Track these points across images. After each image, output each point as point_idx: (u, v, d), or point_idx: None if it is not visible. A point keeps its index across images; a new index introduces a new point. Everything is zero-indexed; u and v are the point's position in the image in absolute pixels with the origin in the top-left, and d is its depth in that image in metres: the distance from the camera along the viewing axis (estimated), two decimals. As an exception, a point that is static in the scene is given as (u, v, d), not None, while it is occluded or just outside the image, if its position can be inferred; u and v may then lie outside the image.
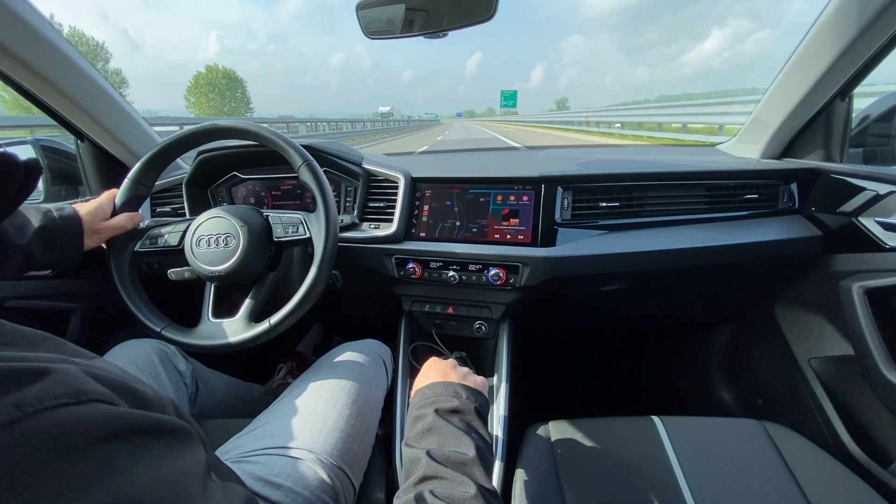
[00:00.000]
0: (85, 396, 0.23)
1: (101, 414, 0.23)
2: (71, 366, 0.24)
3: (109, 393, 0.25)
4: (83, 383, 0.23)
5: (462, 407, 0.51)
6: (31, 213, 0.67)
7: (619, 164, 0.99)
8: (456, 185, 0.95)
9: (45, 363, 0.23)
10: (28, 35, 0.75)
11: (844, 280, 0.80)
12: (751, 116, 1.07)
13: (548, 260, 0.85)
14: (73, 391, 0.22)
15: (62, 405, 0.21)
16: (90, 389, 0.23)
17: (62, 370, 0.23)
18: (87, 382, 0.24)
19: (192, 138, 0.78)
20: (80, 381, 0.23)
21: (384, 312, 1.10)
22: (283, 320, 0.71)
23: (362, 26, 0.83)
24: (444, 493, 0.39)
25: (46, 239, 0.67)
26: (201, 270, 0.74)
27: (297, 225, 0.77)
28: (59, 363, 0.24)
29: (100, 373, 0.25)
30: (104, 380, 0.25)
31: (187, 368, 0.84)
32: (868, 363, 0.73)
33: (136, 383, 0.28)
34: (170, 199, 1.05)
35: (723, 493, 0.66)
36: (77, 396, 0.22)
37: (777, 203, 0.96)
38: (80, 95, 0.88)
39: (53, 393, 0.21)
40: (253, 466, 0.59)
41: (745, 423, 0.78)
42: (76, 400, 0.22)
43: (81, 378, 0.24)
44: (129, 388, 0.27)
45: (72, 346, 0.32)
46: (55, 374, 0.22)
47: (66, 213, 0.70)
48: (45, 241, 0.67)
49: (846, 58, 0.80)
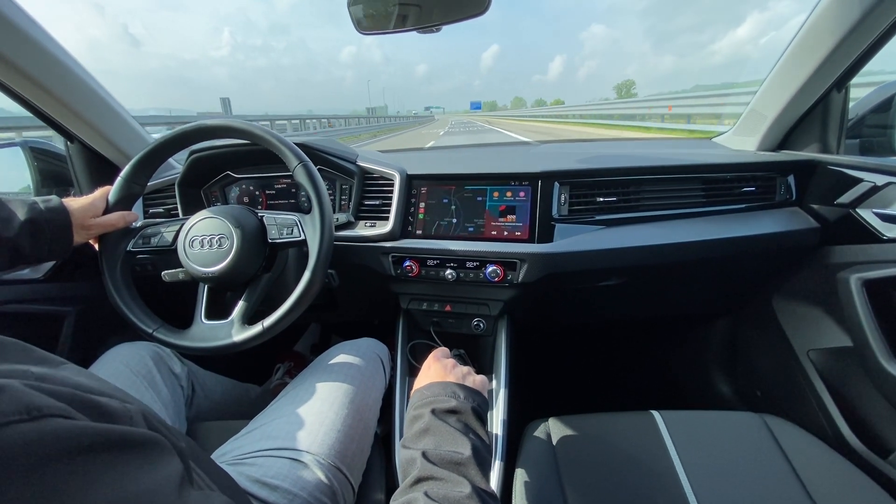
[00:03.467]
0: (38, 412, 0.21)
1: (55, 430, 0.21)
2: (15, 381, 0.22)
3: (65, 407, 0.23)
4: (32, 399, 0.22)
5: (459, 407, 0.50)
6: (16, 206, 0.66)
7: (616, 159, 0.98)
8: (452, 181, 0.94)
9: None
10: (14, 35, 0.74)
11: (842, 272, 0.80)
12: (747, 108, 1.07)
13: (545, 256, 0.85)
14: (24, 407, 0.21)
15: (10, 423, 0.20)
16: (42, 405, 0.22)
17: (7, 385, 0.21)
18: (38, 397, 0.22)
19: (183, 137, 0.77)
20: (28, 396, 0.22)
21: (381, 311, 1.09)
22: (277, 323, 0.70)
23: (354, 22, 0.82)
24: (439, 494, 0.39)
25: (34, 231, 0.66)
26: (194, 271, 0.74)
27: (292, 227, 0.76)
28: (4, 378, 0.22)
29: (54, 387, 0.24)
30: (59, 394, 0.24)
31: (183, 370, 0.83)
32: (866, 354, 0.73)
33: (99, 395, 0.27)
34: (163, 199, 1.04)
35: (723, 486, 0.66)
36: (28, 412, 0.21)
37: (774, 195, 0.96)
38: (68, 96, 0.87)
39: (1, 411, 0.20)
40: (250, 468, 0.58)
41: (745, 416, 0.78)
42: (27, 416, 0.21)
43: (30, 393, 0.22)
44: (88, 400, 0.25)
45: (38, 352, 0.30)
46: (2, 392, 0.21)
47: (52, 205, 0.69)
48: (32, 233, 0.65)
49: (842, 48, 0.80)
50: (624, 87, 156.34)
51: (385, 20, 0.81)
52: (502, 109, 50.74)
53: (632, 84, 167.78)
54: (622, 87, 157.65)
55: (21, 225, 0.64)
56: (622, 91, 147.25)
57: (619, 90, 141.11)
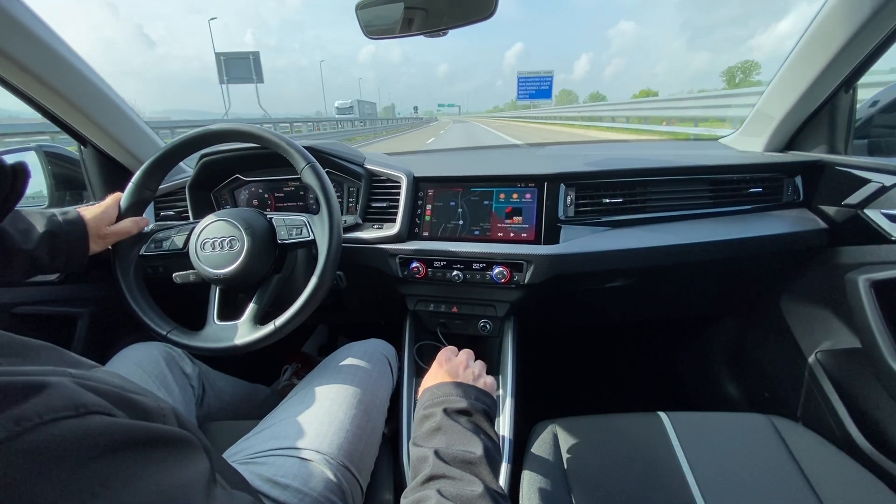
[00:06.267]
0: (84, 409, 0.23)
1: (100, 426, 0.23)
2: (66, 378, 0.24)
3: (107, 404, 0.24)
4: (81, 396, 0.23)
5: (471, 408, 0.51)
6: (35, 219, 0.67)
7: (622, 160, 0.98)
8: (458, 183, 0.95)
9: (41, 377, 0.23)
10: (28, 40, 0.75)
11: (850, 273, 0.79)
12: (754, 109, 1.06)
13: (552, 257, 0.85)
14: (72, 404, 0.22)
15: (61, 418, 0.21)
16: (88, 402, 0.23)
17: (59, 383, 0.23)
18: (85, 395, 0.24)
19: (193, 142, 0.78)
20: (77, 393, 0.23)
21: (389, 312, 1.10)
22: (288, 322, 0.71)
23: (362, 26, 0.83)
24: (452, 493, 0.39)
25: (52, 244, 0.67)
26: (206, 273, 0.75)
27: (301, 227, 0.77)
28: (55, 376, 0.23)
29: (97, 385, 0.25)
30: (102, 391, 0.25)
31: (194, 371, 0.85)
32: (875, 356, 0.72)
33: (135, 394, 0.28)
34: (173, 202, 1.05)
35: (731, 488, 0.66)
36: (76, 409, 0.22)
37: (781, 196, 0.95)
38: (82, 100, 0.88)
39: (52, 406, 0.21)
40: (260, 467, 0.59)
41: (752, 418, 0.78)
42: (75, 413, 0.22)
43: (78, 391, 0.23)
44: (127, 399, 0.27)
45: (72, 355, 0.32)
46: (53, 388, 0.22)
47: (70, 218, 0.71)
48: (50, 245, 0.67)
49: (850, 48, 0.79)
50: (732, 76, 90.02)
51: (392, 24, 0.82)
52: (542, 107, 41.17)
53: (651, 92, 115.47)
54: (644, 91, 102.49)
55: (40, 237, 0.66)
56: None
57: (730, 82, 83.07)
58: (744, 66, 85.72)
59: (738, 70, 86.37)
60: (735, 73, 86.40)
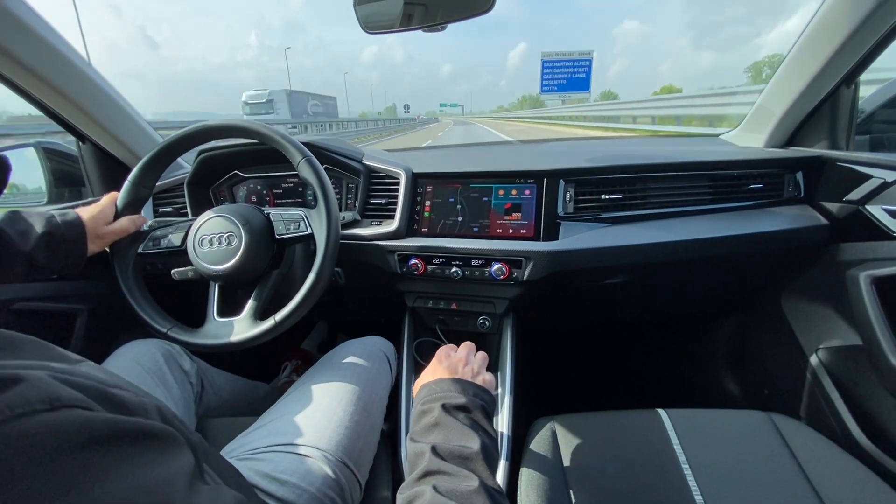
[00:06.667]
0: (59, 402, 0.22)
1: (76, 420, 0.22)
2: (43, 372, 0.23)
3: (85, 398, 0.24)
4: (56, 389, 0.23)
5: (469, 404, 0.50)
6: (34, 219, 0.67)
7: (622, 157, 0.98)
8: (457, 180, 0.94)
9: (14, 370, 0.22)
10: (27, 37, 0.75)
11: (851, 269, 0.79)
12: (754, 105, 1.06)
13: (551, 254, 0.85)
14: (47, 398, 0.22)
15: (34, 412, 0.21)
16: (63, 396, 0.23)
17: (34, 377, 0.22)
18: (60, 388, 0.23)
19: (190, 138, 0.78)
20: (52, 387, 0.23)
21: (387, 309, 1.10)
22: (288, 317, 0.71)
23: (361, 22, 0.83)
24: (447, 488, 0.39)
25: (50, 245, 0.67)
26: (205, 270, 0.75)
27: (299, 221, 0.77)
28: (32, 370, 0.23)
29: (77, 379, 0.25)
30: (81, 386, 0.25)
31: (192, 367, 0.85)
32: (876, 353, 0.72)
33: (116, 388, 0.28)
34: (172, 198, 1.05)
35: (730, 486, 0.65)
36: (50, 403, 0.22)
37: (782, 192, 0.95)
38: (80, 97, 0.88)
39: (26, 400, 0.21)
40: (259, 463, 0.59)
41: (752, 415, 0.77)
42: (49, 406, 0.22)
43: (54, 384, 0.23)
44: (106, 393, 0.26)
45: (58, 350, 0.31)
46: (27, 382, 0.22)
47: (69, 219, 0.70)
48: (48, 246, 0.67)
49: (851, 43, 0.79)
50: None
51: (391, 19, 0.81)
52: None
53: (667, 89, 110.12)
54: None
55: (38, 238, 0.65)
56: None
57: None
58: (770, 60, 77.45)
59: (765, 65, 79.96)
60: (761, 68, 79.65)
